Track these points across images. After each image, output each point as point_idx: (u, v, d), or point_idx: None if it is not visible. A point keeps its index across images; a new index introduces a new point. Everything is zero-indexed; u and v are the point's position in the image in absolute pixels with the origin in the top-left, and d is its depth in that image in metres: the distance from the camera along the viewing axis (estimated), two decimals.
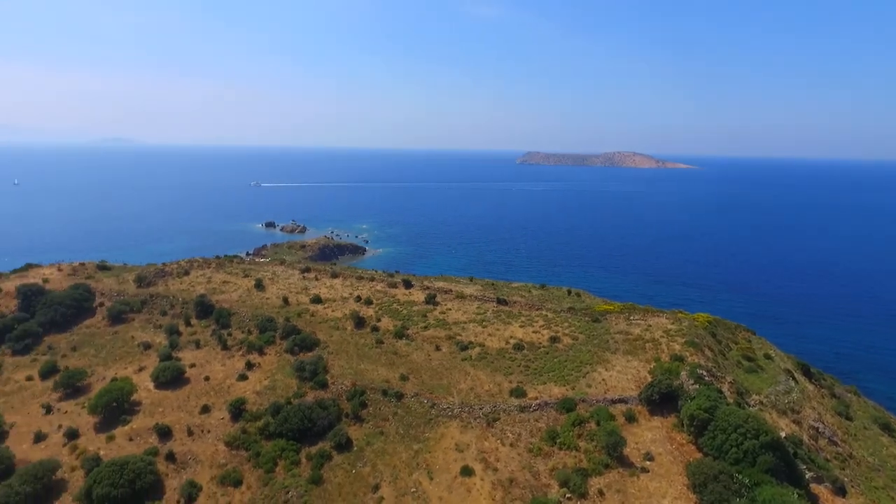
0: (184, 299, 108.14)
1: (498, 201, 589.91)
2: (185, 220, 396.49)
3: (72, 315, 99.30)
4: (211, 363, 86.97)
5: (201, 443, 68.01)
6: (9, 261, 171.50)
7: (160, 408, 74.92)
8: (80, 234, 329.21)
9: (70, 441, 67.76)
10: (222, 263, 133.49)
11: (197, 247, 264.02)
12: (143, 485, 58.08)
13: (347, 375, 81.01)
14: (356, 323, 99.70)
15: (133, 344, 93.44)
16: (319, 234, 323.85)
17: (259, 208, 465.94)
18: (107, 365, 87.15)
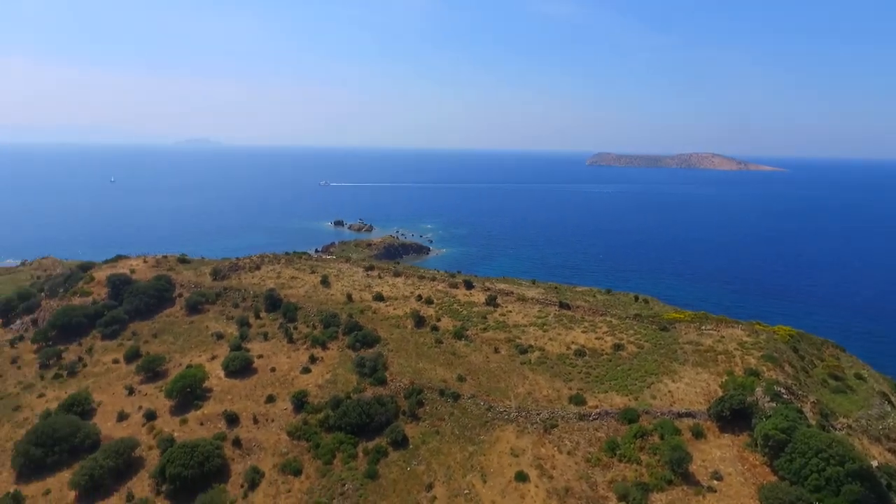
0: (255, 293, 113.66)
1: (565, 203, 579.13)
2: (259, 217, 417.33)
3: (154, 304, 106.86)
4: (277, 355, 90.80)
5: (265, 431, 71.16)
6: (102, 252, 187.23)
7: (229, 395, 79.09)
8: (165, 229, 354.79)
9: (148, 422, 72.90)
10: (291, 259, 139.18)
11: (269, 243, 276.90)
12: (210, 467, 61.54)
13: (406, 373, 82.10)
14: (416, 322, 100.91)
15: (207, 333, 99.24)
16: (385, 233, 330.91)
17: (328, 207, 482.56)
18: (183, 352, 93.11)
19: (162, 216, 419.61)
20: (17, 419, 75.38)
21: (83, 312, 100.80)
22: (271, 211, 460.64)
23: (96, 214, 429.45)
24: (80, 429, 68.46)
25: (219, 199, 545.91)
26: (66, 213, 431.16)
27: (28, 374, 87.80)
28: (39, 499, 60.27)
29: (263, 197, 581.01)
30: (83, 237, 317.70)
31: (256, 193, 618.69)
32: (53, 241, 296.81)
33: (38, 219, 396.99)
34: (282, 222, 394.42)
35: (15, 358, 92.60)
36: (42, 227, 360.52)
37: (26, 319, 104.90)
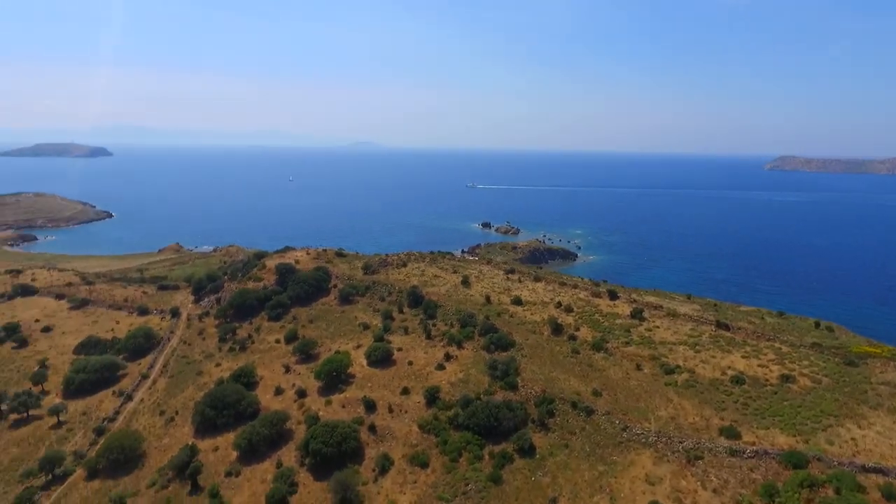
0: (399, 288, 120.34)
1: (736, 212, 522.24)
2: (411, 216, 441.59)
3: (312, 292, 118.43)
4: (415, 349, 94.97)
5: (398, 421, 74.81)
6: (275, 242, 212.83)
7: (369, 383, 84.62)
8: (328, 224, 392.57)
9: (299, 398, 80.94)
10: (435, 258, 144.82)
11: (418, 241, 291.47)
12: (347, 448, 66.38)
13: (538, 381, 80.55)
14: (553, 329, 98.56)
15: (355, 323, 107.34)
16: (532, 236, 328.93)
17: (475, 208, 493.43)
18: (333, 338, 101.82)
19: (327, 212, 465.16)
20: (199, 382, 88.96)
21: (255, 296, 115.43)
22: (422, 210, 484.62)
23: (276, 209, 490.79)
24: (245, 398, 78.46)
25: (377, 199, 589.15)
26: (253, 207, 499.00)
27: (210, 345, 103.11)
28: (210, 453, 70.37)
29: (415, 197, 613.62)
30: (263, 228, 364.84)
31: (409, 193, 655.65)
32: (240, 231, 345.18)
33: (230, 211, 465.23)
34: (431, 222, 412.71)
35: (201, 330, 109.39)
36: (233, 218, 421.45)
37: (212, 298, 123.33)
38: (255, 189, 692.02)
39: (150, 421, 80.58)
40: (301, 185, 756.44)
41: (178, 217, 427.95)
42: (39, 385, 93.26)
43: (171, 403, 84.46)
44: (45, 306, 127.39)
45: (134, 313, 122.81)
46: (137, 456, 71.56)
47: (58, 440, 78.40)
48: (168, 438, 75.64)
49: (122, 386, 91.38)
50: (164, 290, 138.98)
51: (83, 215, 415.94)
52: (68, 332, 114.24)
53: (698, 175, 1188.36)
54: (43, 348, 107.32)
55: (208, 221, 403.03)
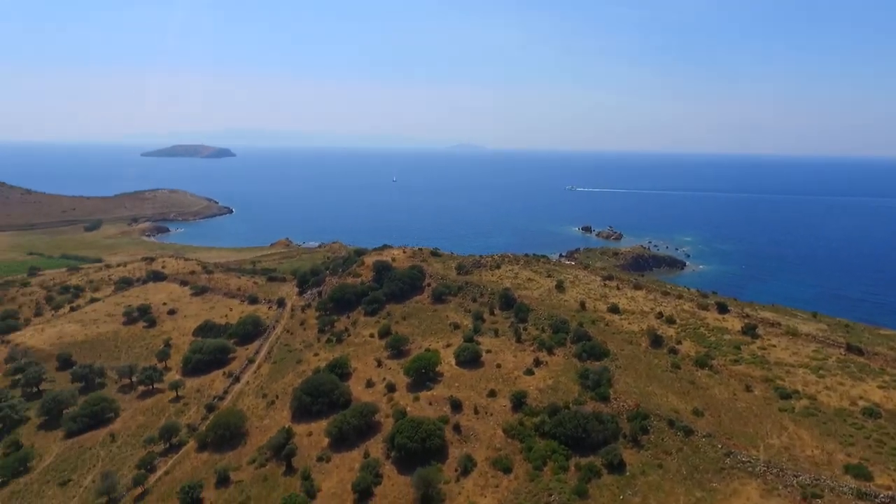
0: (492, 290, 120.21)
1: (876, 222, 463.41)
2: (508, 219, 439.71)
3: (407, 290, 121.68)
4: (504, 352, 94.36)
5: (483, 423, 74.66)
6: (375, 240, 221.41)
7: (456, 383, 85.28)
8: (426, 223, 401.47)
9: (389, 393, 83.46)
10: (529, 261, 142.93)
11: (515, 243, 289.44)
12: (431, 445, 67.36)
13: (632, 394, 76.72)
14: (652, 341, 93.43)
15: (446, 322, 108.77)
16: (635, 242, 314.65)
17: (575, 212, 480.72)
18: (424, 336, 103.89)
19: (426, 212, 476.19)
20: (298, 370, 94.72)
21: (353, 290, 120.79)
22: (519, 213, 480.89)
23: (378, 208, 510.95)
24: (338, 388, 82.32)
25: (475, 200, 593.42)
26: (358, 206, 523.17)
27: (310, 335, 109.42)
28: (304, 437, 74.68)
29: (513, 199, 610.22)
30: (365, 226, 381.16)
31: (507, 195, 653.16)
32: (344, 228, 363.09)
33: (336, 209, 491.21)
34: (528, 224, 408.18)
35: (303, 321, 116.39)
36: (338, 216, 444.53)
37: (314, 291, 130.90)
38: (361, 188, 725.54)
39: (254, 402, 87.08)
40: (403, 186, 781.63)
41: (289, 214, 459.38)
42: (163, 362, 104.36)
43: (272, 388, 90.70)
44: (172, 291, 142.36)
45: (245, 302, 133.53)
46: (241, 433, 77.63)
47: (175, 413, 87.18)
48: (268, 420, 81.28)
49: (231, 368, 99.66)
50: (273, 281, 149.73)
51: (208, 210, 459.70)
52: (189, 315, 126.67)
53: (829, 179, 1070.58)
54: (168, 329, 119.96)
55: (316, 219, 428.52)
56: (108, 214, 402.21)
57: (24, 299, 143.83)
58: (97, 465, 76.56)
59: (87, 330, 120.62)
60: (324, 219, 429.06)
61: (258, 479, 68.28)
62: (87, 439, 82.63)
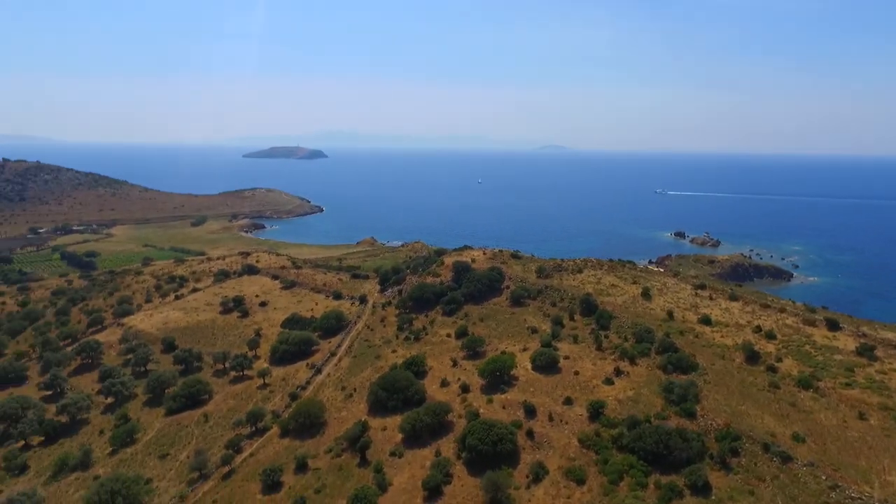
0: (572, 295, 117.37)
1: None
2: (595, 223, 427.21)
3: (485, 291, 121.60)
4: (583, 360, 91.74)
5: (558, 431, 72.92)
6: (456, 240, 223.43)
7: (531, 388, 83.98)
8: (509, 225, 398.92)
9: (462, 393, 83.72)
10: (614, 267, 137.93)
11: (600, 248, 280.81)
12: (503, 449, 66.74)
13: (722, 412, 71.82)
14: (748, 356, 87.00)
15: (523, 326, 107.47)
16: (735, 250, 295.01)
17: (666, 216, 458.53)
18: (500, 339, 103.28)
19: (510, 214, 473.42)
20: (376, 365, 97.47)
21: (432, 290, 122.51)
22: (606, 216, 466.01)
23: (463, 209, 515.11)
24: (413, 385, 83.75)
25: (560, 203, 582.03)
26: (443, 207, 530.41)
27: (389, 332, 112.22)
28: (379, 432, 76.64)
29: (600, 202, 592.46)
30: (448, 227, 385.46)
31: (594, 199, 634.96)
32: (427, 229, 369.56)
33: (421, 210, 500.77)
34: (615, 228, 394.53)
35: (383, 318, 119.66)
36: (422, 217, 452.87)
37: (395, 289, 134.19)
38: (446, 190, 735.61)
39: (333, 394, 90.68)
40: (488, 188, 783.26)
41: (376, 214, 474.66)
42: (253, 350, 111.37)
43: (351, 381, 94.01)
44: (264, 284, 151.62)
45: (330, 297, 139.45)
46: (320, 423, 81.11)
47: (262, 399, 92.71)
48: (345, 412, 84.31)
49: (314, 359, 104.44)
50: (356, 278, 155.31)
51: (300, 209, 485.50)
52: (279, 308, 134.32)
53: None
54: (259, 320, 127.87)
55: (401, 218, 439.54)
56: (211, 211, 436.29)
57: (137, 287, 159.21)
58: (191, 442, 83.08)
59: (189, 317, 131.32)
60: (408, 219, 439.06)
61: (334, 469, 70.97)
62: (184, 418, 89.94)
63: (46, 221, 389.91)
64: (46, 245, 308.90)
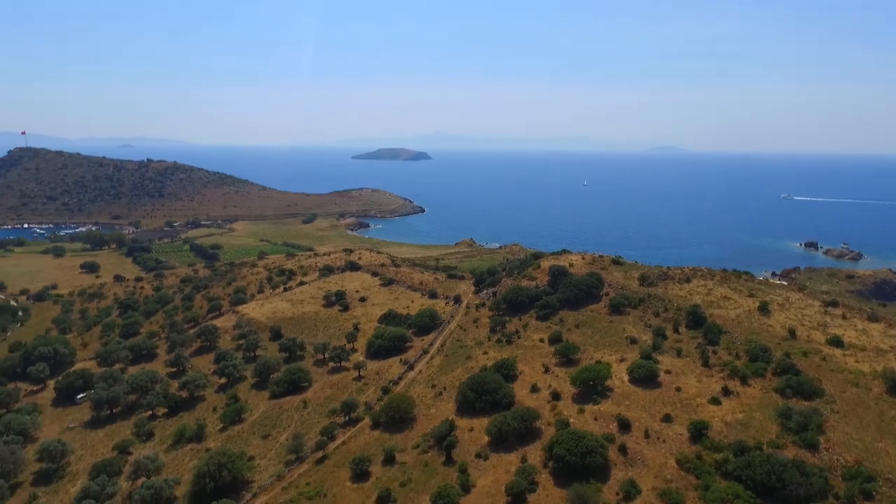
0: (678, 305, 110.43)
1: None
2: (708, 229, 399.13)
3: (582, 297, 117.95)
4: (686, 375, 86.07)
5: (654, 449, 68.97)
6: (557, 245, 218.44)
7: (627, 401, 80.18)
8: (613, 230, 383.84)
9: (553, 400, 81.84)
10: (727, 278, 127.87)
11: (715, 257, 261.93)
12: (592, 462, 64.29)
13: (852, 447, 64.10)
14: (890, 386, 76.76)
15: (622, 335, 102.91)
16: (881, 265, 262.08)
17: (793, 224, 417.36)
18: (596, 347, 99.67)
19: (615, 218, 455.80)
20: (467, 366, 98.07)
21: (526, 293, 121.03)
22: (723, 223, 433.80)
23: (565, 212, 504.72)
24: (502, 388, 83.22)
25: (671, 207, 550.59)
26: (545, 210, 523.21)
27: (481, 333, 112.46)
28: (465, 432, 77.03)
29: (716, 207, 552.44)
30: (549, 230, 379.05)
31: (709, 203, 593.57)
32: (527, 231, 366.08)
33: (522, 212, 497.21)
34: (733, 236, 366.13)
35: (476, 319, 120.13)
36: (523, 219, 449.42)
37: (489, 291, 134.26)
38: (549, 192, 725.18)
39: (423, 391, 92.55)
40: (594, 190, 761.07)
41: (476, 215, 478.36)
42: (351, 343, 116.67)
43: (441, 379, 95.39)
44: (364, 281, 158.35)
45: (425, 295, 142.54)
46: (409, 419, 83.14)
47: (356, 390, 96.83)
48: (434, 409, 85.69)
49: (407, 356, 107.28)
50: (452, 278, 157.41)
51: (403, 209, 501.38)
52: (377, 304, 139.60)
53: None
54: (358, 314, 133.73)
55: (500, 221, 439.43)
56: (321, 209, 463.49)
57: (251, 278, 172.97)
58: (291, 425, 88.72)
59: (295, 308, 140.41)
60: (508, 221, 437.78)
61: (420, 464, 72.39)
62: (285, 402, 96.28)
63: (180, 216, 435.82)
64: (179, 237, 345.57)
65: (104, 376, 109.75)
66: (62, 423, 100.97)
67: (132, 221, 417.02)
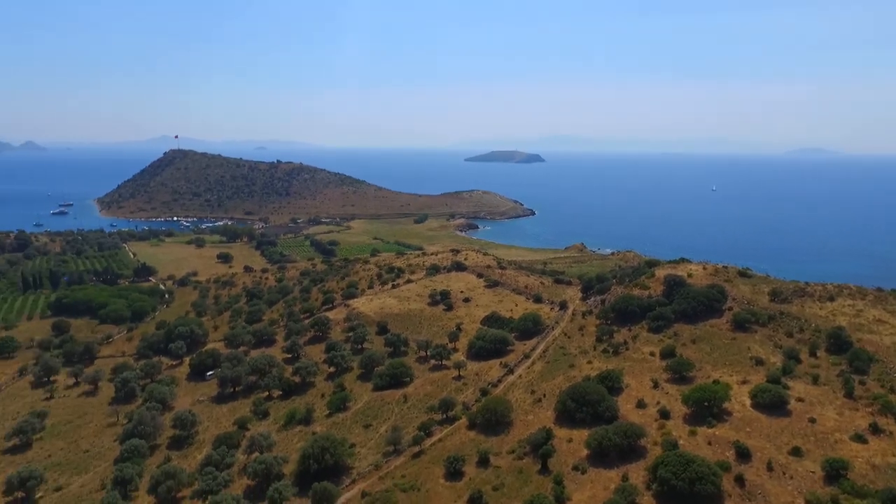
0: (817, 326, 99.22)
1: None
2: (862, 242, 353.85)
3: (701, 311, 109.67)
4: (823, 406, 76.94)
5: (778, 485, 62.29)
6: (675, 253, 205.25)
7: (747, 427, 73.21)
8: (743, 239, 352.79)
9: (661, 419, 76.83)
10: (883, 298, 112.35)
11: (864, 273, 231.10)
12: (702, 490, 59.36)
13: None
14: None
15: (746, 355, 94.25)
16: None
17: None
18: (714, 365, 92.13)
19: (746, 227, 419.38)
20: (569, 374, 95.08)
21: (638, 303, 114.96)
22: (881, 235, 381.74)
23: (689, 219, 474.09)
24: (605, 400, 79.57)
25: (816, 215, 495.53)
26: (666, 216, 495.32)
27: (586, 342, 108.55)
28: (563, 442, 74.62)
29: (871, 216, 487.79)
30: (668, 238, 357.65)
31: (863, 211, 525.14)
32: (644, 238, 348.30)
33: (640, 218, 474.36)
34: (893, 251, 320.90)
35: (582, 326, 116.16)
36: (641, 225, 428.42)
37: (597, 298, 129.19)
38: (672, 198, 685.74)
39: (522, 396, 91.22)
40: (723, 195, 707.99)
41: (589, 220, 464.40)
42: (452, 343, 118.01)
43: (541, 386, 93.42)
44: (469, 282, 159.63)
45: (530, 299, 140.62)
46: (506, 422, 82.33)
47: (455, 390, 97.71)
48: (532, 416, 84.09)
49: (507, 359, 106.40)
50: (559, 283, 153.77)
51: (513, 211, 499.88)
52: (480, 305, 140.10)
53: None
54: (461, 314, 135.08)
55: (614, 226, 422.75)
56: (432, 210, 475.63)
57: (363, 274, 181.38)
58: (391, 418, 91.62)
59: (401, 305, 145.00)
60: (623, 227, 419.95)
61: (514, 470, 71.36)
62: (387, 395, 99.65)
63: (303, 213, 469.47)
64: (301, 233, 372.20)
65: (230, 357, 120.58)
66: (193, 396, 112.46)
67: (262, 217, 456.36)
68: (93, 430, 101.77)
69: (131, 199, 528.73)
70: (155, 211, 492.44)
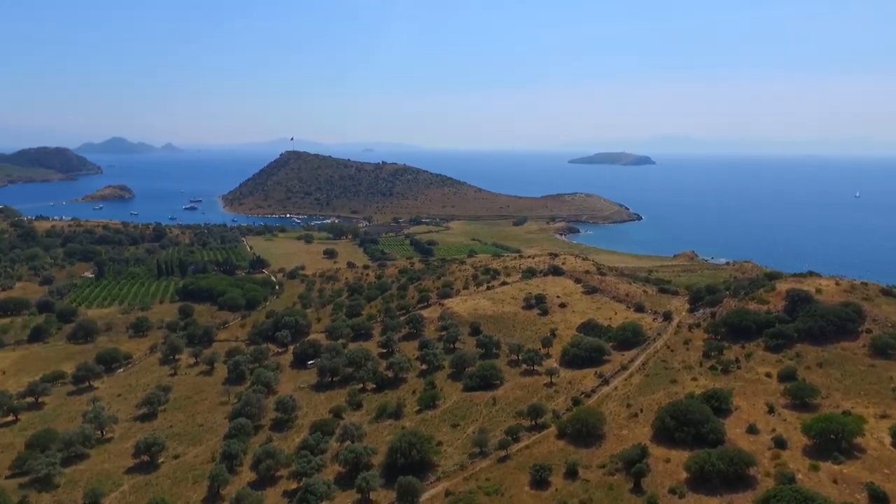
0: None
1: None
2: None
3: (831, 331, 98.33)
4: None
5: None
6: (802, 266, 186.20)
7: (885, 468, 64.35)
8: (890, 254, 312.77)
9: (775, 447, 69.58)
10: None
11: None
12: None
13: None
14: None
15: (887, 385, 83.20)
16: None
17: None
18: (846, 394, 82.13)
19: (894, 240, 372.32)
20: (670, 390, 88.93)
21: (753, 318, 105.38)
22: None
23: (824, 228, 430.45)
24: (710, 421, 73.47)
25: None
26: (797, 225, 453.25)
27: (692, 357, 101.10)
28: (660, 462, 69.86)
29: None
30: (797, 248, 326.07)
31: None
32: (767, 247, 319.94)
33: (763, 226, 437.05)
34: None
35: (687, 340, 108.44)
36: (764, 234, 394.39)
37: (707, 311, 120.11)
38: (803, 204, 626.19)
39: (617, 409, 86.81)
40: (868, 202, 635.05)
41: (702, 226, 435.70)
42: (546, 348, 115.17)
43: (639, 400, 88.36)
44: (566, 286, 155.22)
45: (631, 308, 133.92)
46: (598, 435, 78.70)
47: (545, 397, 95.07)
48: (626, 431, 79.70)
49: (603, 369, 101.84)
50: (663, 293, 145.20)
51: (617, 216, 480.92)
52: (577, 311, 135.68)
53: None
54: (556, 320, 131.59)
55: (731, 234, 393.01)
56: (532, 212, 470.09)
57: (459, 274, 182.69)
58: (479, 420, 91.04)
59: (495, 307, 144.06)
60: (741, 235, 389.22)
61: (603, 486, 67.92)
62: (476, 396, 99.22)
63: (404, 213, 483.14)
64: (402, 232, 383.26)
65: (329, 348, 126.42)
66: (295, 382, 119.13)
67: (366, 216, 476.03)
68: (207, 406, 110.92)
69: (250, 196, 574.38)
70: (270, 208, 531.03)
